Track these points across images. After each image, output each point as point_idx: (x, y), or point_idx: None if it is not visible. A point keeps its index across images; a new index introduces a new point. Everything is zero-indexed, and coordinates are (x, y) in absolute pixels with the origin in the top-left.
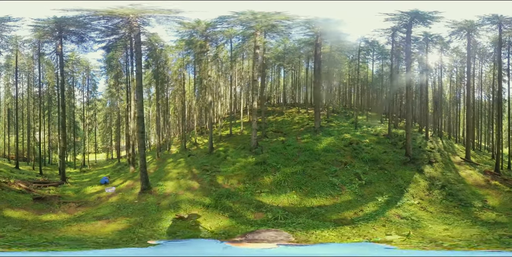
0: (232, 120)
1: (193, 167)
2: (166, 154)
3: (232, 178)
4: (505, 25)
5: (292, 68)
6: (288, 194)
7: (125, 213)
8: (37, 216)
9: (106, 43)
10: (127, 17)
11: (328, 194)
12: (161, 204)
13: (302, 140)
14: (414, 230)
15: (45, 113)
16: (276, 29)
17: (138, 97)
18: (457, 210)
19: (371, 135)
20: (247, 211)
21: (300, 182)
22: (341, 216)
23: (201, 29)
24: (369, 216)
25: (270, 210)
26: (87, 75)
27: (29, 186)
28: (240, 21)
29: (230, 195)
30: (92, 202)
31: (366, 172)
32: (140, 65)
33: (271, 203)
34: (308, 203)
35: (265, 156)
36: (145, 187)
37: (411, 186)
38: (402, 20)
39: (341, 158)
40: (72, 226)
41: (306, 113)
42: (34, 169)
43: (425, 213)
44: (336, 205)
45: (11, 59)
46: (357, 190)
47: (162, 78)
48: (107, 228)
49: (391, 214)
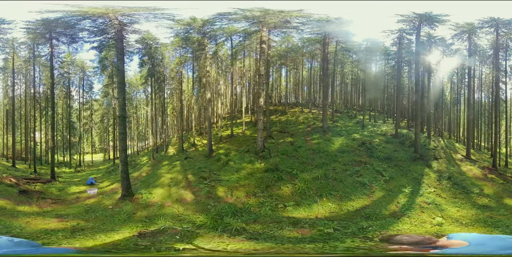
0: (233, 120)
1: (189, 172)
2: (162, 155)
3: (237, 190)
4: (502, 28)
5: (295, 67)
6: (319, 203)
7: (88, 216)
8: (15, 206)
9: (97, 43)
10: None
11: (363, 194)
12: (136, 215)
13: (312, 141)
14: (441, 212)
15: (43, 114)
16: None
17: (119, 94)
18: (461, 196)
19: (379, 135)
20: (282, 230)
21: (327, 187)
22: (391, 211)
23: (197, 26)
24: (407, 206)
25: (314, 224)
26: (83, 76)
27: (19, 181)
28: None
29: (238, 212)
30: (68, 201)
31: (385, 169)
32: (121, 61)
33: (306, 216)
34: (350, 207)
35: (275, 161)
36: (126, 193)
37: (424, 178)
38: (412, 22)
39: (359, 158)
40: (29, 217)
41: (310, 113)
42: (30, 168)
43: (441, 199)
44: (376, 203)
45: (8, 61)
46: (384, 185)
47: (159, 76)
48: (49, 225)
49: (419, 201)
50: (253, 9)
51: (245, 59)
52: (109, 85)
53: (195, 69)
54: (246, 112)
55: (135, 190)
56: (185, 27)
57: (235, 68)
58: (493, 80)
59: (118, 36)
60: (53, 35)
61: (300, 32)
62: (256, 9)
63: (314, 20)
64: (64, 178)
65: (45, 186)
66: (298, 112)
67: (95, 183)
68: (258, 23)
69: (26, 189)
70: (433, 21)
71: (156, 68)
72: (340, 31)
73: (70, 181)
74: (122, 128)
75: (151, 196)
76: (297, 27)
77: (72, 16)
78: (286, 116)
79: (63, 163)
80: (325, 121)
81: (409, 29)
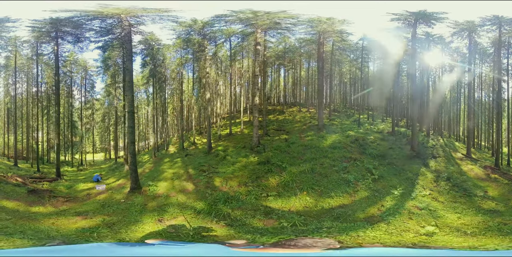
0: (232, 120)
1: (190, 167)
2: (163, 153)
3: (231, 180)
4: (505, 26)
5: (293, 67)
6: (299, 196)
7: (106, 211)
8: (28, 207)
9: (102, 43)
10: (119, 16)
11: (345, 192)
12: (148, 206)
13: (306, 137)
14: (437, 220)
15: (44, 113)
16: (280, 26)
17: (128, 92)
18: (462, 199)
19: (375, 132)
20: (253, 218)
21: (311, 181)
22: (368, 214)
23: (198, 27)
24: (392, 210)
25: (282, 216)
26: (85, 75)
27: (25, 180)
28: (239, 19)
29: (229, 199)
30: (80, 198)
31: (376, 167)
32: (130, 62)
33: (281, 207)
34: (326, 205)
35: (268, 155)
36: (135, 186)
37: (420, 179)
38: (407, 20)
39: (349, 154)
40: (51, 218)
41: (308, 112)
42: (32, 167)
43: (437, 203)
44: (356, 203)
45: (10, 60)
46: (371, 185)
47: (160, 77)
48: (78, 224)
49: (410, 206)
50: (244, 11)
51: (244, 60)
52: (112, 85)
53: (196, 70)
54: (245, 112)
55: (141, 184)
56: (186, 29)
57: (234, 68)
58: (494, 78)
59: (128, 37)
60: (59, 34)
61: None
62: (247, 11)
63: (304, 20)
64: (68, 177)
65: (52, 185)
66: (296, 112)
67: (101, 180)
68: (251, 25)
69: (35, 188)
70: (430, 19)
71: (157, 69)
72: (334, 30)
73: (75, 179)
74: (131, 122)
75: (157, 188)
76: (288, 28)
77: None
78: (284, 115)
79: (64, 162)
80: (320, 119)
81: (405, 27)
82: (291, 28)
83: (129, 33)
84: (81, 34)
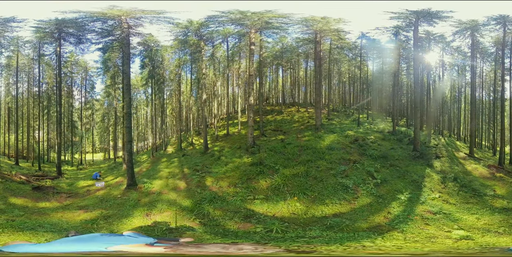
0: (230, 120)
1: (185, 167)
2: (161, 154)
3: (222, 180)
4: (509, 26)
5: (291, 67)
6: (288, 201)
7: (104, 205)
8: (35, 203)
9: (103, 45)
10: (119, 18)
11: (342, 199)
12: (141, 201)
13: (303, 138)
14: (456, 223)
15: (45, 112)
16: (271, 26)
17: (125, 94)
18: (473, 199)
19: (375, 132)
20: (230, 220)
21: (304, 186)
22: (373, 223)
23: (194, 28)
24: (402, 217)
25: (263, 221)
26: (85, 76)
27: (28, 178)
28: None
29: (215, 199)
30: (81, 194)
31: (378, 169)
32: (128, 65)
33: (265, 212)
34: (318, 212)
35: (262, 156)
36: (131, 182)
37: (426, 180)
38: (408, 18)
39: (348, 156)
40: (58, 212)
41: (306, 112)
42: (33, 166)
43: (450, 206)
44: (356, 211)
45: (12, 59)
46: (373, 190)
47: (159, 78)
48: (81, 216)
49: (421, 211)
50: (232, 11)
51: (242, 61)
52: (111, 86)
53: (194, 71)
54: (243, 113)
55: (138, 181)
56: (183, 30)
57: (232, 69)
58: (495, 77)
59: (126, 41)
60: (62, 35)
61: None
62: (235, 11)
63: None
64: (69, 175)
65: (54, 182)
66: (294, 112)
67: (100, 177)
68: (243, 25)
69: (39, 185)
70: (433, 18)
71: (156, 70)
72: (330, 29)
73: (75, 177)
74: (128, 122)
75: (152, 186)
76: (281, 28)
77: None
78: (282, 115)
79: (64, 162)
80: (318, 119)
81: (405, 26)
82: (284, 27)
83: (127, 36)
84: (83, 35)
